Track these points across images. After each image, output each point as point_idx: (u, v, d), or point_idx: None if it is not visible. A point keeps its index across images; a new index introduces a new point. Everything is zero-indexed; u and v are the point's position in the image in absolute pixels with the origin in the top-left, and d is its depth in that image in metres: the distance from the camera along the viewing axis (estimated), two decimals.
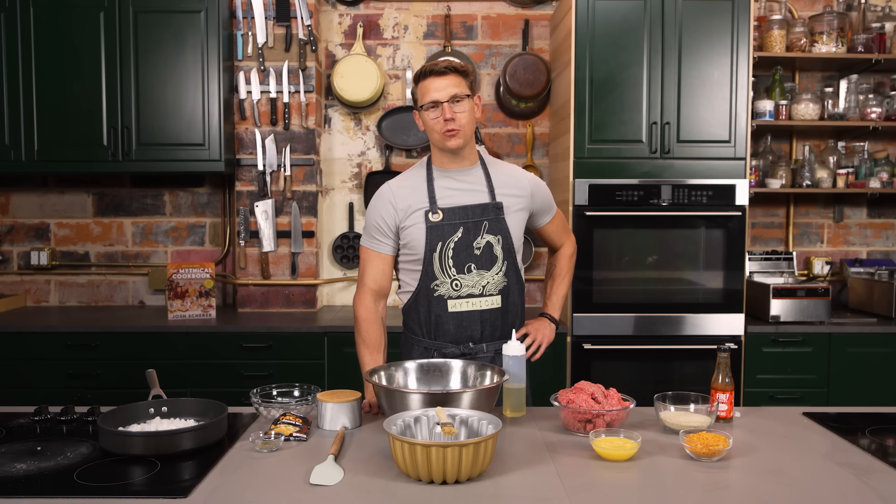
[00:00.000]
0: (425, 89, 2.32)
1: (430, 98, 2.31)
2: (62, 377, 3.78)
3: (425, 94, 2.32)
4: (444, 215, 2.36)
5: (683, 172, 3.79)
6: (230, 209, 4.45)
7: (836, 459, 1.89)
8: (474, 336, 2.41)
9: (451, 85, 2.30)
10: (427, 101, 2.31)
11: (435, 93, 2.30)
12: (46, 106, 3.95)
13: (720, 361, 2.18)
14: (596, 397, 2.09)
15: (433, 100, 2.30)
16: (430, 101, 2.30)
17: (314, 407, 2.22)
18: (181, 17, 3.95)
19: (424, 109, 2.33)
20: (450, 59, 2.41)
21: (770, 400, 3.85)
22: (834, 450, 1.97)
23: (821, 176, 4.24)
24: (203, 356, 3.78)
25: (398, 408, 1.97)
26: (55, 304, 4.51)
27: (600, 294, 3.81)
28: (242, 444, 1.98)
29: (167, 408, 2.10)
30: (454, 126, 2.31)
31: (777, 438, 2.05)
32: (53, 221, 4.49)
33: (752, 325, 3.87)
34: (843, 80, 4.25)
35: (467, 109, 2.33)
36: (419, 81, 2.35)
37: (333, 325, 3.79)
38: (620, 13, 3.74)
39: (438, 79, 2.31)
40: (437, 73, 2.31)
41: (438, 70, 2.31)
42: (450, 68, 2.31)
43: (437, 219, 2.35)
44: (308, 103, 4.19)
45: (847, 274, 4.41)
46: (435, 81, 2.31)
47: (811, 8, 4.43)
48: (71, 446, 1.93)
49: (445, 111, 2.29)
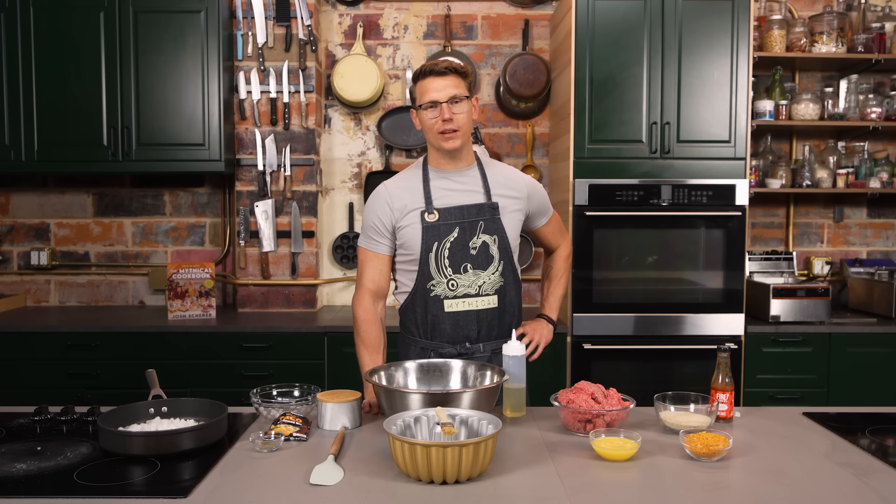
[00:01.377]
0: (424, 89, 2.32)
1: (428, 98, 2.30)
2: (62, 377, 3.78)
3: (424, 93, 2.32)
4: (440, 215, 2.36)
5: (683, 172, 3.79)
6: (230, 209, 4.46)
7: (837, 459, 1.89)
8: (471, 336, 2.41)
9: (450, 85, 2.30)
10: (426, 101, 2.31)
11: (434, 93, 2.30)
12: (46, 106, 3.95)
13: (720, 361, 2.18)
14: (596, 397, 2.09)
15: (432, 100, 2.30)
16: (429, 100, 2.30)
17: (314, 407, 2.22)
18: (181, 17, 3.95)
19: (423, 109, 2.33)
20: (449, 60, 2.41)
21: (770, 400, 3.85)
22: (834, 450, 1.97)
23: (821, 176, 4.24)
24: (203, 356, 3.78)
25: (398, 408, 1.97)
26: (55, 304, 4.51)
27: (600, 294, 3.81)
28: (242, 444, 1.98)
29: (167, 408, 2.10)
30: (452, 126, 2.31)
31: (777, 438, 2.06)
32: (53, 221, 4.49)
33: (752, 325, 3.87)
34: (843, 80, 4.25)
35: (466, 110, 2.33)
36: (418, 80, 2.35)
37: (333, 325, 3.79)
38: (620, 13, 3.74)
39: (438, 79, 2.31)
40: (437, 74, 2.31)
41: (438, 70, 2.30)
42: (450, 69, 2.31)
43: (433, 219, 2.35)
44: (308, 103, 4.19)
45: (847, 274, 4.41)
46: (434, 81, 2.31)
47: (811, 8, 4.43)
48: (71, 446, 1.93)
49: (444, 111, 2.29)
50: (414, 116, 2.41)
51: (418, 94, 2.35)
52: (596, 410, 2.03)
